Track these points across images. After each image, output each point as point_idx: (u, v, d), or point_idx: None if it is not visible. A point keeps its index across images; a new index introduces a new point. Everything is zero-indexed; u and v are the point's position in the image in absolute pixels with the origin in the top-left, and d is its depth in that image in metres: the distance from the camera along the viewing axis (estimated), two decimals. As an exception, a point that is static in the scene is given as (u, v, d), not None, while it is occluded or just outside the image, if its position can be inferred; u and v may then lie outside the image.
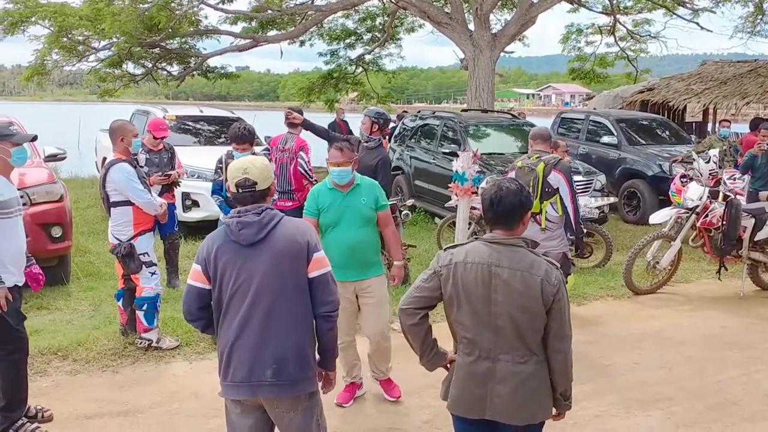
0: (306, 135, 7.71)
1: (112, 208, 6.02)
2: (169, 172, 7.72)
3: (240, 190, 3.19)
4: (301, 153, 7.49)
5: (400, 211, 7.79)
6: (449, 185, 8.34)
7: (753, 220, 8.21)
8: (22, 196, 7.30)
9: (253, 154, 6.02)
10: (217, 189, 6.86)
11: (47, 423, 4.81)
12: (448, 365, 3.32)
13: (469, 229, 8.60)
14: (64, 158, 8.97)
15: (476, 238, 3.20)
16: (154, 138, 7.78)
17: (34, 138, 4.88)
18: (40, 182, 7.67)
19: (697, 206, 8.21)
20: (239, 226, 3.15)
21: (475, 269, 3.07)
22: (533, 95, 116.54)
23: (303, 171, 7.42)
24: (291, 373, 3.15)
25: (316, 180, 7.05)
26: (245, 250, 3.14)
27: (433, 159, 11.85)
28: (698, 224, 8.23)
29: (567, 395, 3.22)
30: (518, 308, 3.04)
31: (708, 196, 8.22)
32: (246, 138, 6.43)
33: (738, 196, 8.71)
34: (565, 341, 3.12)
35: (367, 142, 7.11)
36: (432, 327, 3.29)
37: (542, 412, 3.18)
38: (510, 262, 3.07)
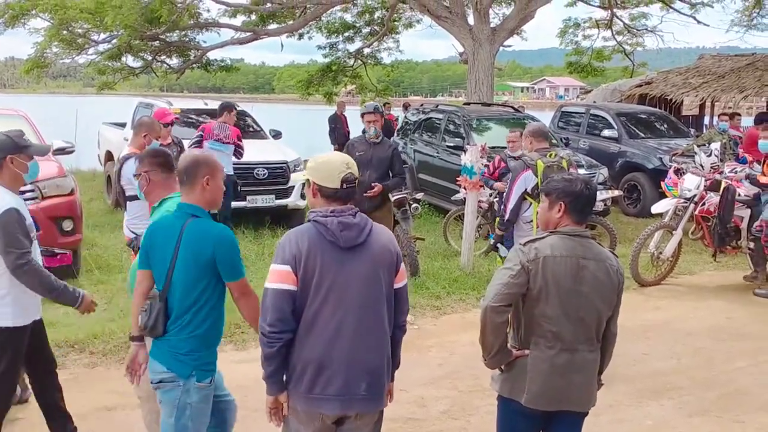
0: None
1: (128, 202, 6.07)
2: (179, 166, 7.74)
3: (345, 185, 3.00)
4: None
5: (410, 204, 7.85)
6: (457, 179, 8.39)
7: (749, 211, 8.35)
8: (33, 190, 7.48)
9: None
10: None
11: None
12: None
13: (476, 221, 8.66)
14: (72, 152, 8.94)
15: (551, 233, 3.20)
16: (162, 126, 7.80)
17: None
18: (51, 176, 7.65)
19: (695, 195, 8.33)
20: (341, 226, 2.95)
21: (565, 262, 3.12)
22: (527, 88, 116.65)
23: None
24: (381, 386, 3.06)
25: None
26: (343, 254, 2.95)
27: (437, 152, 11.92)
28: (696, 213, 8.35)
29: (601, 374, 3.39)
30: (601, 298, 3.17)
31: (705, 186, 8.33)
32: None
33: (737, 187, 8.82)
34: (616, 324, 3.32)
35: (377, 138, 7.11)
36: None
37: (595, 395, 3.33)
38: (592, 254, 3.17)
